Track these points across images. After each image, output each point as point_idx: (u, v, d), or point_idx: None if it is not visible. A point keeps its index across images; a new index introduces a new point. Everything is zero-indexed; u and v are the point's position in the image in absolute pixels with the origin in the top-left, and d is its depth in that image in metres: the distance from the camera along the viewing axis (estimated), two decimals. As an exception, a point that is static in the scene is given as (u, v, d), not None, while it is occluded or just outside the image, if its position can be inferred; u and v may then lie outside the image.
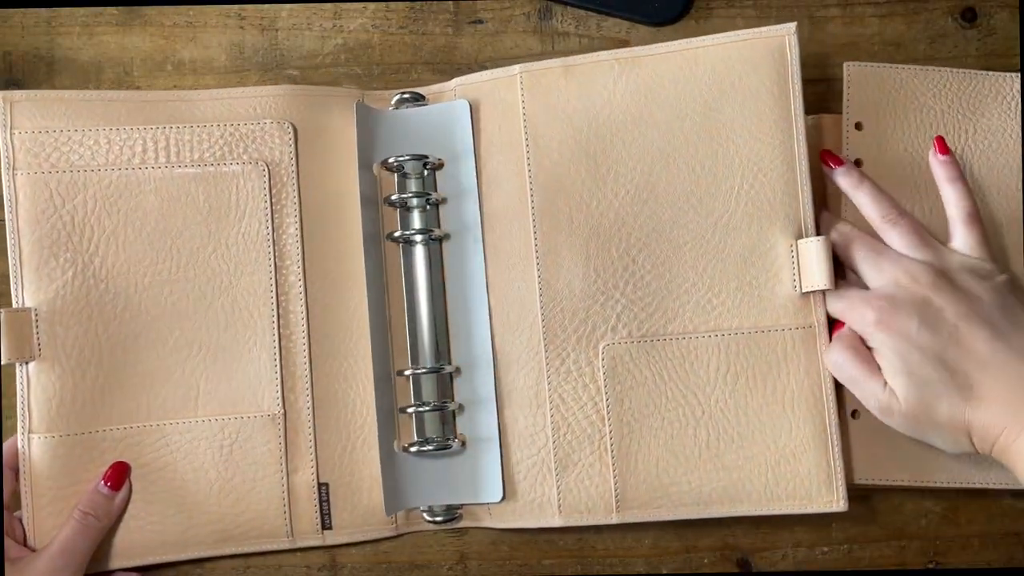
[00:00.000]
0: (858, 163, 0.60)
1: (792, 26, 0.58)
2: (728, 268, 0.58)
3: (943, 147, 0.59)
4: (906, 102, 0.61)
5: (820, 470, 0.57)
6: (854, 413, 0.59)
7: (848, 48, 0.64)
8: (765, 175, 0.58)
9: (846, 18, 0.65)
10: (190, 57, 0.65)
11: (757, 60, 0.58)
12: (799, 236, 0.58)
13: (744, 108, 0.58)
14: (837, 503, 0.57)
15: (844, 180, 0.59)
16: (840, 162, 0.59)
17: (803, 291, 0.57)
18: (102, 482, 0.57)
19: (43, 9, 0.65)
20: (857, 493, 0.61)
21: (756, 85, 0.58)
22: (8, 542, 0.56)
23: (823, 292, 0.57)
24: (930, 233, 0.58)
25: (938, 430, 0.53)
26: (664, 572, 0.62)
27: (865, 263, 0.57)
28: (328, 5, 0.66)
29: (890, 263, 0.56)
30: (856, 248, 0.57)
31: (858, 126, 0.61)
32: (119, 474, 0.58)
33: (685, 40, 0.59)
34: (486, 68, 0.64)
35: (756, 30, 0.59)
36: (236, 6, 0.65)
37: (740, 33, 0.59)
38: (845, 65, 0.61)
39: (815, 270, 0.57)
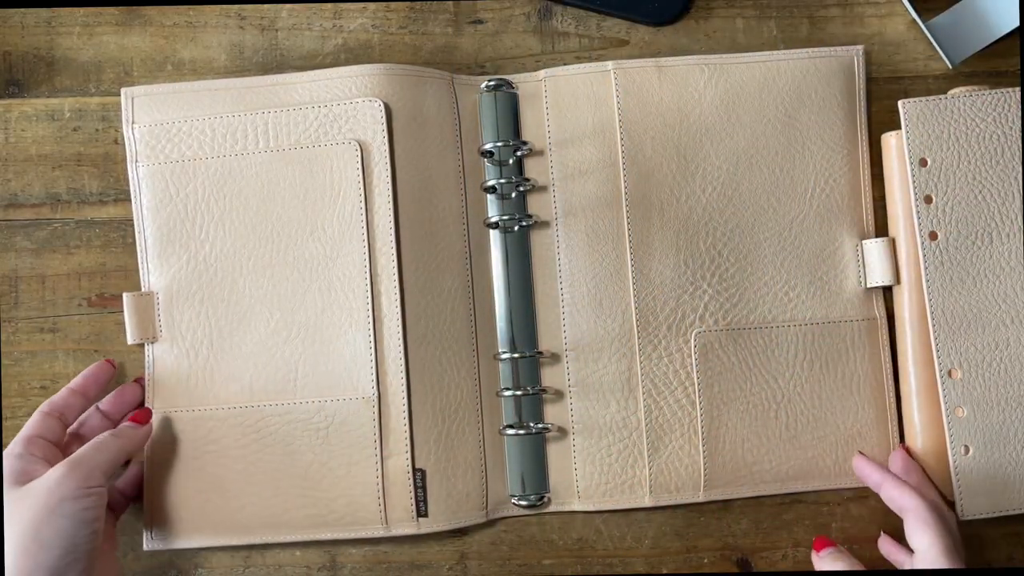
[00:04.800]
0: (928, 200, 0.60)
1: (860, 48, 0.64)
2: (802, 264, 0.63)
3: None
4: (966, 131, 0.60)
5: (882, 448, 0.62)
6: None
7: (848, 48, 0.65)
8: (835, 180, 0.63)
9: (846, 18, 0.65)
10: (190, 57, 0.65)
11: (830, 74, 0.64)
12: (863, 237, 0.63)
13: (818, 117, 0.63)
14: None
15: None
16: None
17: (867, 287, 0.63)
18: (129, 421, 0.59)
19: (43, 9, 0.65)
20: (858, 494, 0.61)
21: (829, 97, 0.63)
22: (55, 450, 0.56)
23: (883, 288, 0.63)
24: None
25: None
26: (664, 572, 0.62)
27: None
28: (328, 5, 0.66)
29: None
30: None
31: (922, 162, 0.60)
32: (144, 415, 0.60)
33: (768, 52, 0.64)
34: (486, 68, 0.65)
35: (829, 48, 0.64)
36: (236, 6, 0.65)
37: (816, 50, 0.64)
38: (900, 103, 0.61)
39: (878, 268, 0.62)
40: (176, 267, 0.61)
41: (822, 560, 0.59)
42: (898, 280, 0.62)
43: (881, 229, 0.64)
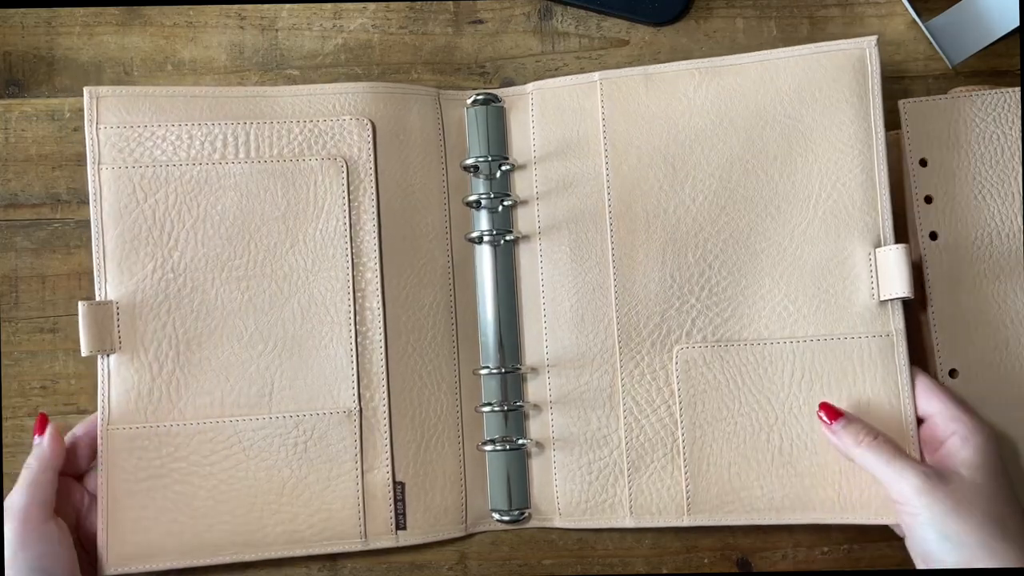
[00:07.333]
0: (928, 199, 0.59)
1: (873, 39, 0.58)
2: (805, 275, 0.59)
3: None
4: (967, 132, 0.60)
5: None
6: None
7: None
8: (844, 183, 0.58)
9: (846, 18, 0.65)
10: (190, 57, 0.65)
11: (838, 70, 0.59)
12: (877, 244, 0.58)
13: (824, 117, 0.59)
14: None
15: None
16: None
17: (881, 299, 0.58)
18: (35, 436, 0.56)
19: (43, 9, 0.65)
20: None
21: (836, 95, 0.59)
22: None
23: (902, 300, 0.57)
24: None
25: None
26: (664, 572, 0.62)
27: None
28: (328, 5, 0.66)
29: None
30: None
31: (922, 162, 0.60)
32: (40, 424, 0.57)
33: (767, 51, 0.60)
34: (486, 68, 0.64)
35: (837, 42, 0.59)
36: (236, 6, 0.65)
37: (821, 45, 0.59)
38: (900, 103, 0.60)
39: (894, 278, 0.57)
40: (140, 276, 0.59)
41: (838, 435, 0.55)
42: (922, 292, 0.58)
43: (900, 235, 0.59)
